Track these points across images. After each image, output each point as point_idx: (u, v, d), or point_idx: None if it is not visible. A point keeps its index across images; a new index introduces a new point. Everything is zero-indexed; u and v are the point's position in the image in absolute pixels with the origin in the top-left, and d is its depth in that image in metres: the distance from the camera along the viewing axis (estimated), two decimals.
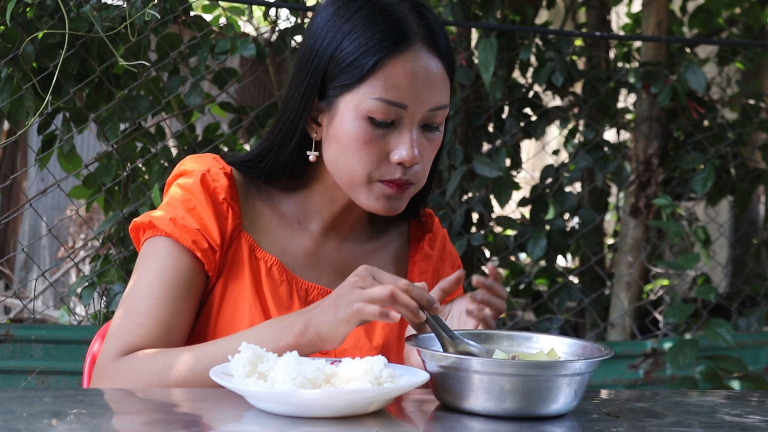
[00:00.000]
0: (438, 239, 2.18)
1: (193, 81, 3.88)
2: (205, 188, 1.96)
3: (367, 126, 1.89)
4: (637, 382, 4.12)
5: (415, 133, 1.90)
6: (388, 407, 1.61)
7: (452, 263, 2.20)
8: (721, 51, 4.86)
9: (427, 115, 1.91)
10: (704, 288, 3.91)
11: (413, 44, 1.90)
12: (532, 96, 4.58)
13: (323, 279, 2.04)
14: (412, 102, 1.88)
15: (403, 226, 2.18)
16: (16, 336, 3.51)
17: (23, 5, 3.47)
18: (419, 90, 1.89)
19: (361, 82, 1.89)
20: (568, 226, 4.56)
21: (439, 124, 1.95)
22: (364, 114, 1.89)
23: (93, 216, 7.89)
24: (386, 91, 1.88)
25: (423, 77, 1.89)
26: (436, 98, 1.91)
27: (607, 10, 5.28)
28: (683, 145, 4.54)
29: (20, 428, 1.38)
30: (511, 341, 1.82)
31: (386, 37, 1.89)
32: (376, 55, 1.88)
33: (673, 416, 1.66)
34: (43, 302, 7.24)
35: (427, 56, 1.90)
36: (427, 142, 1.93)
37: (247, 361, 1.58)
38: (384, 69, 1.88)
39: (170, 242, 1.92)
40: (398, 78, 1.88)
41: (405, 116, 1.89)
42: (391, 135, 1.90)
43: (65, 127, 3.84)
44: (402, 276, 2.09)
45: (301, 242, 2.04)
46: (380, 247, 2.13)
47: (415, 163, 1.90)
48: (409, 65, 1.88)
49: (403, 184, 1.92)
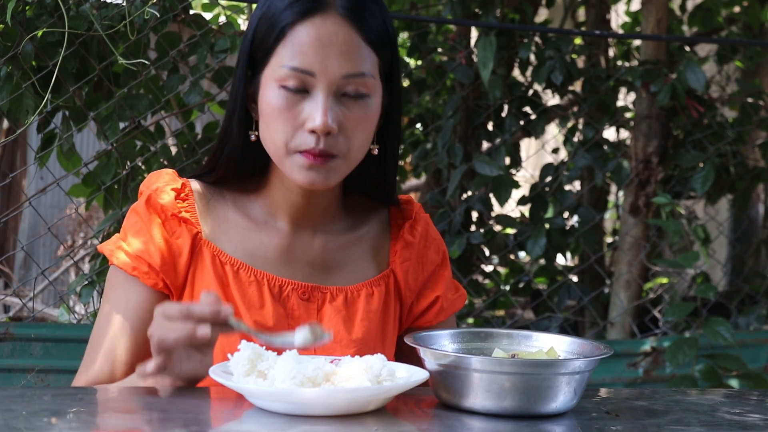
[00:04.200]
0: (419, 225, 2.14)
1: (193, 79, 3.88)
2: (151, 208, 1.98)
3: (280, 95, 1.88)
4: (636, 381, 4.11)
5: (328, 101, 1.86)
6: (387, 406, 1.61)
7: (436, 248, 2.16)
8: (721, 49, 4.86)
9: (341, 82, 1.87)
10: (704, 286, 3.91)
11: (323, 11, 1.87)
12: (531, 94, 4.58)
13: (298, 275, 2.02)
14: (319, 69, 1.86)
15: (382, 214, 2.15)
16: (15, 334, 3.51)
17: (23, 4, 3.47)
18: (326, 56, 1.86)
19: (272, 52, 1.89)
20: (568, 224, 4.56)
21: (363, 93, 1.90)
22: (277, 84, 1.88)
23: (92, 214, 7.90)
24: (293, 58, 1.86)
25: (328, 43, 1.86)
26: (347, 65, 1.87)
27: (607, 9, 5.27)
28: (683, 144, 4.54)
29: (20, 426, 1.38)
30: (511, 340, 1.82)
31: (295, 4, 1.88)
32: (282, 23, 1.87)
33: (672, 415, 1.66)
34: (42, 301, 7.24)
35: (338, 23, 1.87)
36: (348, 111, 1.89)
37: (246, 359, 1.58)
38: (291, 36, 1.87)
39: (119, 271, 1.97)
40: (303, 45, 1.86)
41: (316, 84, 1.86)
42: (305, 103, 1.88)
43: (65, 125, 3.84)
44: (384, 264, 2.10)
45: (271, 242, 2.02)
46: (358, 239, 2.10)
47: (327, 132, 1.86)
48: (313, 31, 1.86)
49: (321, 155, 1.88)
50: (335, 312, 2.00)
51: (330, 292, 2.02)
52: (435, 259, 2.15)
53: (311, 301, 2.00)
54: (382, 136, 2.03)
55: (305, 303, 1.99)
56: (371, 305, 2.04)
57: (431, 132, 4.83)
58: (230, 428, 1.50)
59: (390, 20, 1.96)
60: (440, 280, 2.15)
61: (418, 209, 2.16)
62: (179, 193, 2.00)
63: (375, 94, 1.93)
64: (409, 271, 2.10)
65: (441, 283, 2.14)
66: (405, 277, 2.09)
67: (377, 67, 1.92)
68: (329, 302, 2.01)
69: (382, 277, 2.08)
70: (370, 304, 2.04)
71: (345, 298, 2.02)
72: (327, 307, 2.00)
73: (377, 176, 2.09)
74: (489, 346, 1.80)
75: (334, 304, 2.01)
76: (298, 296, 1.99)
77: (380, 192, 2.12)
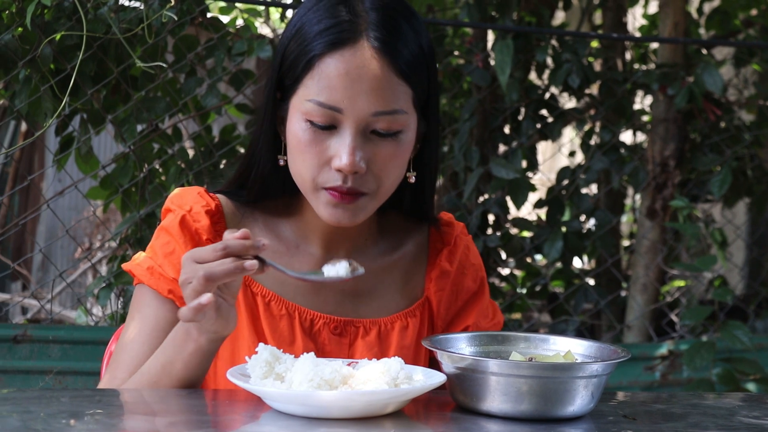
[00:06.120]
0: (459, 250, 2.05)
1: (210, 82, 3.89)
2: (185, 231, 1.90)
3: (308, 129, 1.78)
4: (653, 384, 4.11)
5: (356, 140, 1.76)
6: (405, 408, 1.61)
7: (474, 275, 2.07)
8: (738, 52, 4.84)
9: (371, 120, 1.76)
10: (721, 290, 3.90)
11: (354, 42, 1.75)
12: (548, 98, 4.58)
13: (328, 305, 1.94)
14: (347, 105, 1.74)
15: (421, 235, 2.06)
16: (33, 336, 3.53)
17: (41, 7, 3.48)
18: (355, 93, 1.74)
19: (300, 82, 1.79)
20: (585, 227, 4.55)
21: (395, 130, 1.79)
22: (303, 117, 1.78)
23: (110, 217, 7.92)
24: (320, 93, 1.75)
25: (357, 78, 1.74)
26: (378, 103, 1.75)
27: (624, 12, 5.27)
28: (700, 147, 4.53)
29: (38, 428, 1.39)
30: (528, 343, 1.82)
31: (324, 33, 1.76)
32: (311, 53, 1.76)
33: (690, 418, 1.66)
34: (60, 303, 7.26)
35: (369, 56, 1.75)
36: (378, 149, 1.78)
37: (264, 362, 1.59)
38: (319, 68, 1.76)
39: (150, 291, 1.89)
40: (331, 78, 1.75)
41: (344, 120, 1.76)
42: (332, 139, 1.77)
43: (83, 128, 3.86)
44: (418, 291, 2.02)
45: (302, 268, 1.93)
46: (392, 264, 2.01)
47: (354, 171, 1.76)
48: (342, 65, 1.74)
49: (348, 193, 1.78)
50: (368, 348, 1.92)
51: (363, 326, 1.94)
52: (471, 287, 2.07)
53: (343, 335, 1.93)
54: (419, 162, 1.93)
55: (337, 338, 1.92)
56: (405, 339, 1.96)
57: (448, 135, 4.83)
58: (248, 431, 1.50)
59: (426, 40, 1.84)
60: (474, 308, 2.06)
61: (459, 233, 2.07)
62: (212, 215, 1.92)
63: (408, 129, 1.82)
64: (443, 300, 2.02)
65: (475, 311, 2.06)
66: (438, 306, 2.02)
67: (411, 101, 1.81)
68: (362, 337, 1.93)
69: (417, 307, 2.00)
70: (405, 338, 1.96)
71: (378, 332, 1.95)
72: (359, 343, 1.93)
73: (414, 199, 2.00)
74: (506, 349, 1.80)
75: (367, 339, 1.93)
76: (329, 331, 1.92)
77: (417, 213, 2.03)
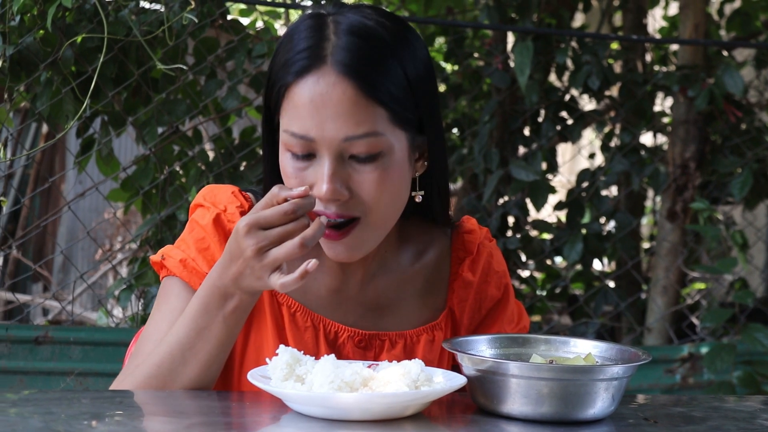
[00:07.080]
0: (482, 260, 2.00)
1: (230, 85, 3.90)
2: (219, 229, 1.87)
3: (290, 159, 1.74)
4: (674, 387, 4.09)
5: (331, 167, 1.69)
6: (425, 411, 1.61)
7: (497, 282, 2.02)
8: (759, 54, 4.82)
9: (344, 146, 1.69)
10: (742, 292, 3.89)
11: (317, 68, 1.69)
12: (568, 99, 4.58)
13: (349, 318, 1.90)
14: (317, 134, 1.69)
15: (443, 242, 2.01)
16: (54, 338, 3.55)
17: (63, 10, 3.50)
18: (323, 119, 1.68)
19: (278, 111, 1.76)
20: (605, 230, 4.54)
21: (374, 153, 1.71)
22: (284, 147, 1.75)
23: (130, 219, 7.94)
24: (291, 123, 1.71)
25: (321, 104, 1.68)
26: (346, 128, 1.68)
27: (644, 14, 5.26)
28: (720, 149, 4.52)
29: (60, 429, 1.40)
30: (548, 345, 1.82)
31: (291, 61, 1.72)
32: (280, 82, 1.73)
33: (711, 421, 1.65)
34: (81, 304, 7.29)
35: (333, 81, 1.68)
36: (358, 173, 1.72)
37: (284, 364, 1.59)
38: (289, 97, 1.72)
39: (181, 283, 1.86)
40: (298, 108, 1.70)
41: (318, 148, 1.70)
42: (311, 168, 1.72)
43: (103, 130, 3.87)
44: (440, 302, 1.98)
45: (324, 279, 1.89)
46: (414, 274, 1.96)
47: (336, 199, 1.70)
48: (307, 92, 1.69)
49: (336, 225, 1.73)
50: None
51: (389, 339, 1.91)
52: (494, 295, 2.02)
53: (368, 349, 1.90)
54: (427, 181, 1.87)
55: (362, 351, 1.89)
56: (432, 353, 1.93)
57: (468, 137, 4.83)
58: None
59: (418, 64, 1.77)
60: (498, 317, 2.02)
61: (483, 240, 2.02)
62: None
63: (390, 151, 1.73)
64: (466, 310, 1.99)
65: (499, 320, 2.02)
66: (462, 317, 1.99)
67: (389, 121, 1.72)
68: (387, 350, 1.90)
69: (443, 319, 1.96)
70: (431, 351, 1.93)
71: (404, 345, 1.92)
72: (384, 356, 1.89)
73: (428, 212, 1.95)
74: (526, 351, 1.80)
75: (393, 352, 1.90)
76: (354, 344, 1.89)
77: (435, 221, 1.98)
